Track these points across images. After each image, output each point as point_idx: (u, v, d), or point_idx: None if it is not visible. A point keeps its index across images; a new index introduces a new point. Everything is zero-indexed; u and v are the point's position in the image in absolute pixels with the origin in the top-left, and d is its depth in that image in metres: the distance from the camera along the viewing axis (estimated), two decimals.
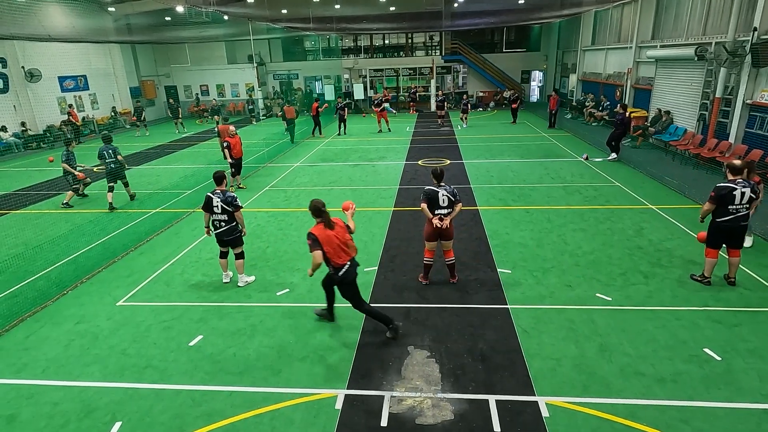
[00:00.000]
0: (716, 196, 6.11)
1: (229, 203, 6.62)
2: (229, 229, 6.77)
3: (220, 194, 6.64)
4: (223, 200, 6.61)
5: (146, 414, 4.54)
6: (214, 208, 6.65)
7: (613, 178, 12.25)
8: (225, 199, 6.61)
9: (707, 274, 6.52)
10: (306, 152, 17.43)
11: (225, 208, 6.63)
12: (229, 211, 6.66)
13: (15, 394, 4.90)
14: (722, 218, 6.15)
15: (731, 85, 12.75)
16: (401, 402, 4.58)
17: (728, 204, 6.07)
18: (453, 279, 6.85)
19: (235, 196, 6.72)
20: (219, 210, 6.65)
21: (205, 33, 26.33)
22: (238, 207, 6.70)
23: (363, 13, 26.42)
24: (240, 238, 6.92)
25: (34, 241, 9.20)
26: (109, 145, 11.47)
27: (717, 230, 6.28)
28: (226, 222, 6.72)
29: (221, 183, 6.81)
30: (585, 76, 25.15)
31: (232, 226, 6.76)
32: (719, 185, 6.18)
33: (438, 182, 6.41)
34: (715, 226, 6.27)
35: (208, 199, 6.68)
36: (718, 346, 5.20)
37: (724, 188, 6.09)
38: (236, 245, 6.94)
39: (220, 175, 6.88)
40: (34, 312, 6.55)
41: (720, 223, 6.19)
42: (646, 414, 4.30)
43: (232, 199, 6.64)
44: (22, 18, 16.94)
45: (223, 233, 6.80)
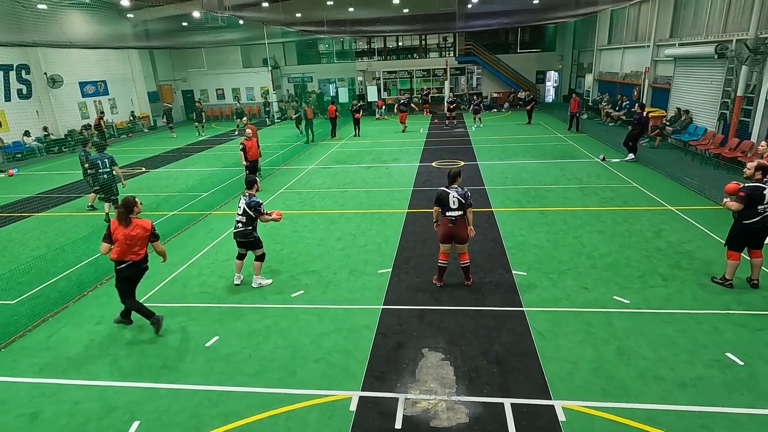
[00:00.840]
0: (746, 196, 5.95)
1: (252, 207, 6.75)
2: (242, 232, 6.87)
3: (247, 197, 6.84)
4: (247, 203, 6.77)
5: (164, 413, 4.60)
6: (237, 207, 6.87)
7: (631, 178, 12.05)
8: (249, 202, 6.77)
9: (729, 276, 6.37)
10: (320, 154, 17.52)
11: (246, 211, 6.78)
12: (249, 215, 6.78)
13: (37, 393, 5.01)
14: (751, 219, 5.99)
15: (753, 83, 12.47)
16: (416, 404, 4.56)
17: (758, 204, 5.92)
18: (467, 281, 6.81)
19: (260, 203, 6.84)
20: (240, 211, 6.82)
21: (220, 37, 26.69)
22: (259, 213, 6.81)
23: (377, 16, 26.50)
24: (254, 242, 6.98)
25: (55, 243, 9.43)
26: (104, 154, 10.57)
27: (743, 232, 6.11)
28: (243, 224, 6.83)
29: (251, 188, 7.00)
30: (601, 76, 24.84)
31: (247, 230, 6.85)
32: (748, 185, 6.02)
33: (450, 184, 6.40)
34: (742, 227, 6.09)
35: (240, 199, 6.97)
36: (741, 351, 5.07)
37: (756, 188, 5.93)
38: (253, 248, 7.03)
39: (251, 179, 7.07)
40: (55, 312, 6.70)
41: (748, 224, 6.02)
42: (666, 419, 4.22)
43: (256, 205, 6.77)
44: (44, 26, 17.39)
45: (236, 233, 6.93)
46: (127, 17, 24.25)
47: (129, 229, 5.62)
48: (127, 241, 5.61)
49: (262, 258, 7.13)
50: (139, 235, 5.68)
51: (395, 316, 6.14)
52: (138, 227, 5.67)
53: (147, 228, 5.74)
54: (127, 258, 5.69)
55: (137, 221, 5.72)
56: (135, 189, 13.73)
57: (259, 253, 7.08)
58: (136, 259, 5.75)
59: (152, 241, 5.90)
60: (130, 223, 5.64)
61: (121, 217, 5.62)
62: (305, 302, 6.63)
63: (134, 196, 5.81)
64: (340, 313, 6.27)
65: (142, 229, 5.70)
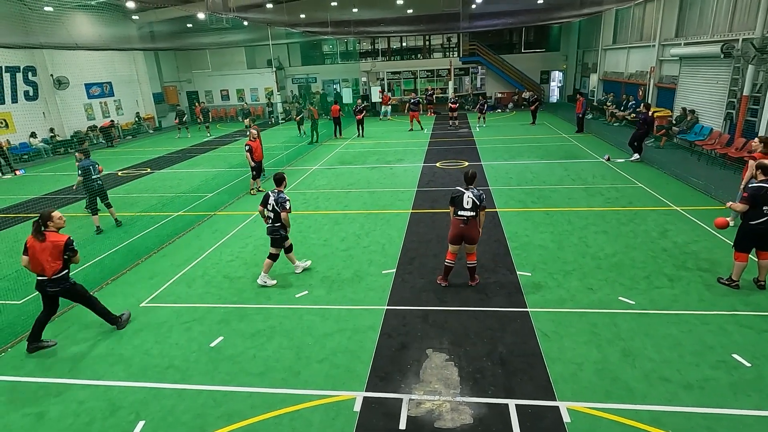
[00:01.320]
0: (750, 197, 5.90)
1: (278, 203, 6.90)
2: (271, 228, 7.07)
3: (276, 193, 6.99)
4: (275, 199, 6.93)
5: (169, 413, 4.62)
6: (268, 204, 7.01)
7: (636, 179, 11.99)
8: (278, 198, 6.93)
9: (735, 277, 6.32)
10: (324, 155, 17.55)
11: (274, 207, 6.92)
12: (277, 212, 6.92)
13: (44, 392, 5.04)
14: (757, 220, 5.94)
15: (760, 82, 12.37)
16: (420, 405, 4.56)
17: (763, 204, 5.87)
18: (472, 282, 6.80)
19: (287, 199, 6.96)
20: (270, 207, 6.98)
21: (225, 39, 26.81)
22: (284, 209, 6.94)
23: (381, 17, 26.52)
24: (280, 239, 7.14)
25: None
26: (92, 160, 10.09)
27: (750, 233, 6.05)
28: (272, 220, 7.02)
29: (281, 184, 7.13)
30: (606, 76, 24.73)
31: (275, 226, 7.04)
32: (753, 185, 5.97)
33: (468, 185, 6.42)
34: (748, 228, 6.04)
35: (266, 195, 7.06)
36: (748, 352, 5.04)
37: (759, 188, 5.88)
38: (274, 245, 7.19)
39: (279, 176, 7.19)
40: (61, 313, 6.73)
41: (754, 225, 5.97)
42: (672, 421, 4.19)
43: (283, 201, 6.91)
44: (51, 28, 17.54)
45: (267, 229, 7.14)
46: (132, 19, 24.40)
47: (43, 243, 5.50)
48: (38, 255, 5.50)
49: (274, 258, 7.24)
50: (51, 249, 5.51)
51: (399, 317, 6.13)
52: (50, 242, 5.52)
53: (60, 243, 5.55)
54: (42, 272, 5.57)
55: (52, 236, 5.56)
56: (141, 189, 13.82)
57: (275, 251, 7.22)
58: (51, 275, 5.55)
59: (70, 257, 5.68)
60: (44, 238, 5.52)
61: (36, 231, 5.54)
62: (309, 303, 6.64)
63: (53, 210, 5.74)
64: (344, 314, 6.28)
65: (53, 244, 5.51)
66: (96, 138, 23.22)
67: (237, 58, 30.83)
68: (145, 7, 21.57)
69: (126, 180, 15.26)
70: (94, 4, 20.76)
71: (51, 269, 5.55)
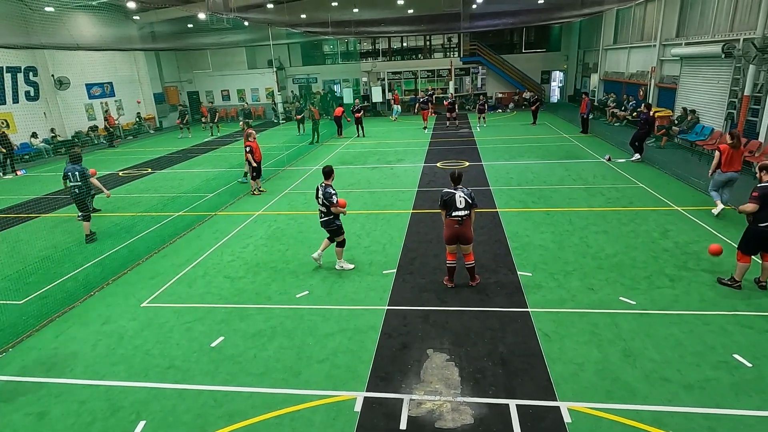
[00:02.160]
0: (760, 196, 5.85)
1: (326, 198, 7.05)
2: (326, 221, 7.27)
3: (324, 187, 7.12)
4: (323, 193, 7.08)
5: (169, 413, 4.62)
6: (317, 198, 7.17)
7: (637, 179, 11.99)
8: (324, 192, 7.07)
9: (738, 278, 6.31)
10: (325, 155, 17.55)
11: (324, 201, 7.07)
12: (327, 204, 7.08)
13: (45, 392, 5.05)
14: (765, 222, 5.87)
15: (761, 82, 12.36)
16: (420, 405, 4.55)
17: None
18: (473, 282, 6.80)
19: (333, 193, 7.09)
20: (320, 201, 7.16)
21: (226, 39, 26.83)
22: (331, 203, 7.07)
23: (381, 17, 26.51)
24: (337, 230, 7.35)
25: (62, 243, 9.50)
26: (76, 165, 9.54)
27: (756, 235, 6.00)
28: (325, 214, 7.22)
29: (328, 177, 7.24)
30: (607, 76, 24.72)
31: (330, 219, 7.23)
32: (761, 185, 5.92)
33: (455, 185, 6.40)
34: (756, 230, 5.98)
35: (317, 189, 7.25)
36: (749, 353, 5.03)
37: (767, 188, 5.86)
38: (336, 235, 7.42)
39: (327, 169, 7.29)
40: (62, 312, 6.75)
41: (763, 228, 5.90)
42: (673, 421, 4.19)
43: (329, 195, 7.05)
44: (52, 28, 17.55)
45: (322, 224, 7.35)
46: (133, 19, 24.42)
47: None
48: None
49: (342, 244, 7.53)
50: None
51: (400, 317, 6.13)
52: None
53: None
54: None
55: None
56: (141, 190, 13.84)
57: (340, 239, 7.45)
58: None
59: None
60: None
61: None
62: (310, 303, 6.64)
63: None
64: (344, 314, 6.28)
65: None
66: (97, 138, 23.25)
67: (238, 58, 30.84)
68: (145, 7, 21.58)
69: (127, 180, 15.27)
70: (95, 5, 20.79)
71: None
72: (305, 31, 25.65)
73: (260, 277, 7.53)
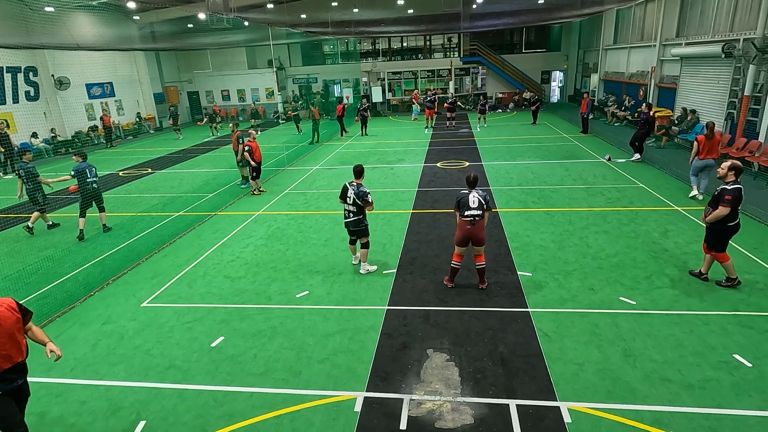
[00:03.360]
0: (733, 199, 5.98)
1: (361, 197, 6.91)
2: (356, 221, 7.11)
3: (356, 186, 6.95)
4: (356, 192, 6.91)
5: (170, 413, 4.62)
6: (347, 198, 6.99)
7: (637, 179, 11.98)
8: (358, 192, 6.90)
9: (732, 275, 6.35)
10: (325, 155, 17.55)
11: (356, 201, 6.92)
12: (359, 204, 6.95)
13: (45, 392, 5.05)
14: (733, 222, 6.11)
15: (761, 82, 12.36)
16: (420, 405, 4.55)
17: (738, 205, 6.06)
18: (483, 284, 6.72)
19: (368, 192, 6.97)
20: (350, 201, 6.98)
21: (226, 39, 26.83)
22: (367, 202, 6.96)
23: (381, 17, 26.51)
24: (366, 229, 7.23)
25: (62, 243, 9.50)
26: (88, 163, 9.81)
27: (729, 233, 6.21)
28: (354, 214, 7.06)
29: (360, 176, 7.10)
30: (607, 76, 24.72)
31: (359, 218, 7.09)
32: (732, 188, 6.02)
33: (471, 188, 6.42)
34: (727, 229, 6.16)
35: (345, 188, 7.02)
36: (749, 352, 5.03)
37: (739, 189, 6.01)
38: (362, 236, 7.27)
39: (359, 168, 7.15)
40: (63, 312, 6.74)
41: (732, 226, 6.13)
42: (673, 421, 4.19)
43: (364, 194, 6.92)
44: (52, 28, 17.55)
45: (350, 223, 7.16)
46: (133, 19, 24.42)
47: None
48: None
49: (368, 245, 7.38)
50: (6, 319, 3.49)
51: (400, 317, 6.13)
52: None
53: (12, 307, 3.59)
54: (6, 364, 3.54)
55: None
56: (141, 190, 13.84)
57: (365, 240, 7.31)
58: (20, 360, 3.64)
59: (24, 326, 3.71)
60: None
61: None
62: (310, 303, 6.64)
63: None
64: (345, 314, 6.27)
65: (7, 310, 3.53)
66: (97, 138, 23.24)
67: (238, 58, 30.85)
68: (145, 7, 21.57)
69: (127, 180, 15.27)
70: (95, 5, 20.79)
71: (22, 349, 3.65)
72: (305, 31, 25.64)
73: (260, 277, 7.53)
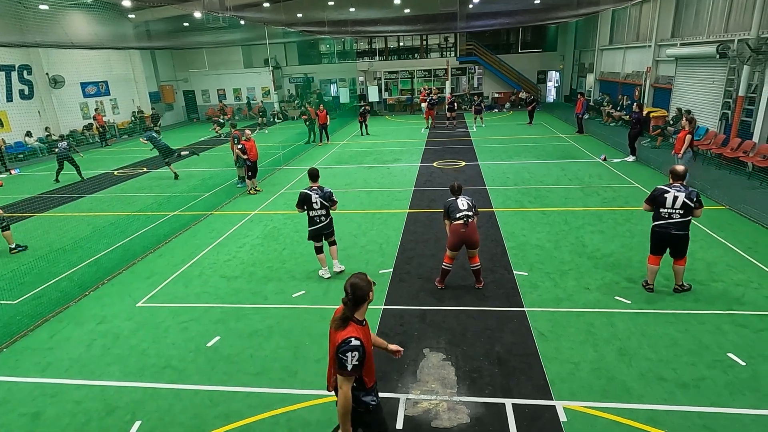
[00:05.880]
0: (649, 198, 6.17)
1: (328, 198, 6.83)
2: (329, 222, 7.03)
3: (318, 190, 6.83)
4: (322, 195, 6.81)
5: (165, 413, 4.61)
6: (313, 204, 6.82)
7: (633, 178, 12.04)
8: (324, 194, 6.82)
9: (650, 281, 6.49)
10: (321, 155, 17.53)
11: (324, 203, 6.84)
12: (327, 206, 6.88)
13: (40, 392, 5.02)
14: (656, 221, 6.17)
15: (755, 83, 12.44)
16: (417, 405, 4.56)
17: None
18: (479, 284, 6.73)
19: (332, 191, 6.91)
20: (318, 205, 6.84)
21: (222, 38, 26.75)
22: (334, 201, 6.90)
23: (378, 16, 26.50)
24: (333, 229, 7.22)
25: (57, 243, 9.44)
26: None
27: (653, 234, 6.32)
28: (326, 216, 6.96)
29: (316, 179, 6.99)
30: (603, 76, 24.80)
31: (331, 220, 7.06)
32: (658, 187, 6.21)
33: (457, 196, 6.46)
34: (652, 230, 6.29)
35: (305, 195, 6.81)
36: (743, 351, 5.06)
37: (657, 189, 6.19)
38: (332, 235, 7.23)
39: (314, 172, 7.05)
40: (57, 312, 6.71)
41: (654, 227, 6.24)
42: (668, 420, 4.21)
43: (330, 194, 6.85)
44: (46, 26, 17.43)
45: (325, 227, 7.02)
46: (128, 18, 24.29)
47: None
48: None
49: (335, 242, 7.36)
50: None
51: (396, 317, 6.14)
52: None
53: None
54: None
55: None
56: (137, 189, 13.78)
57: (334, 238, 7.29)
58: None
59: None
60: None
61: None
62: (307, 302, 6.63)
63: None
64: None
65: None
66: (92, 137, 23.11)
67: (234, 57, 30.74)
68: (141, 5, 21.46)
69: (122, 179, 15.20)
70: (89, 2, 20.66)
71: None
72: (302, 31, 25.61)
73: (256, 276, 7.51)
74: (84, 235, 9.76)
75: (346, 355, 3.05)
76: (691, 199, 5.84)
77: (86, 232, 9.98)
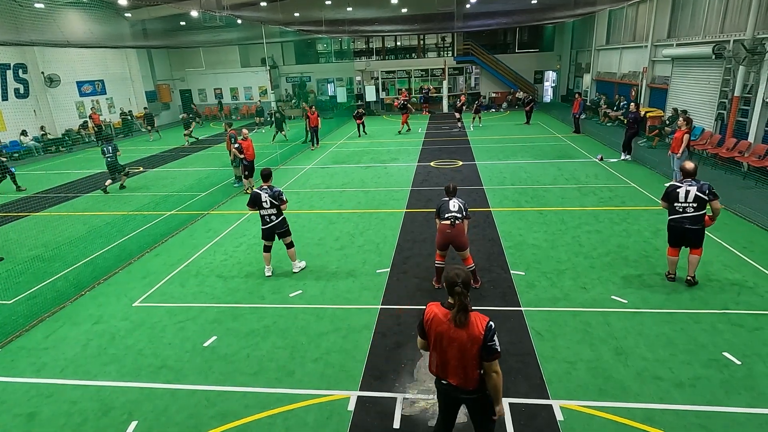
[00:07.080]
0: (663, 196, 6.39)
1: (276, 197, 6.92)
2: (280, 222, 7.10)
3: (268, 189, 6.94)
4: (270, 195, 6.92)
5: (162, 413, 4.59)
6: (263, 203, 6.94)
7: (629, 178, 12.08)
8: (273, 193, 6.93)
9: None
10: (318, 155, 17.51)
11: (273, 202, 6.93)
12: (277, 205, 6.96)
13: (35, 393, 4.99)
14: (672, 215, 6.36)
15: (750, 83, 12.50)
16: (414, 404, 4.56)
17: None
18: (475, 284, 6.73)
19: (281, 191, 7.01)
20: (268, 204, 6.94)
21: (218, 37, 26.66)
22: (283, 201, 6.99)
23: (375, 16, 26.49)
24: (288, 229, 7.26)
25: (53, 242, 9.40)
26: None
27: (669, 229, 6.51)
28: (276, 216, 7.04)
29: (268, 179, 7.10)
30: (599, 76, 24.88)
31: (283, 218, 7.12)
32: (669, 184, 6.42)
33: (450, 197, 6.48)
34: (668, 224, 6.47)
35: (255, 195, 6.95)
36: (738, 350, 5.09)
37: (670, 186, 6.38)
38: (286, 236, 7.27)
39: (267, 172, 7.17)
40: (53, 312, 6.68)
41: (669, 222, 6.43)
42: (664, 419, 4.23)
43: (279, 194, 6.95)
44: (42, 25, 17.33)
45: (274, 227, 7.10)
46: (125, 16, 24.19)
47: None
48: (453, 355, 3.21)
49: (292, 244, 7.40)
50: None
51: (394, 316, 6.14)
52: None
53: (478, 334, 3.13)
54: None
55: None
56: (133, 188, 13.72)
57: (289, 240, 7.32)
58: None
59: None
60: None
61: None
62: (303, 302, 6.62)
63: None
64: (338, 313, 6.27)
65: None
66: (88, 136, 23.01)
67: (231, 56, 30.68)
68: (137, 4, 21.37)
69: None
70: (85, 1, 20.55)
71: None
72: (299, 30, 25.57)
73: (253, 276, 7.50)
74: (80, 235, 9.72)
75: (494, 339, 3.13)
76: (703, 191, 6.02)
77: (82, 231, 9.94)
